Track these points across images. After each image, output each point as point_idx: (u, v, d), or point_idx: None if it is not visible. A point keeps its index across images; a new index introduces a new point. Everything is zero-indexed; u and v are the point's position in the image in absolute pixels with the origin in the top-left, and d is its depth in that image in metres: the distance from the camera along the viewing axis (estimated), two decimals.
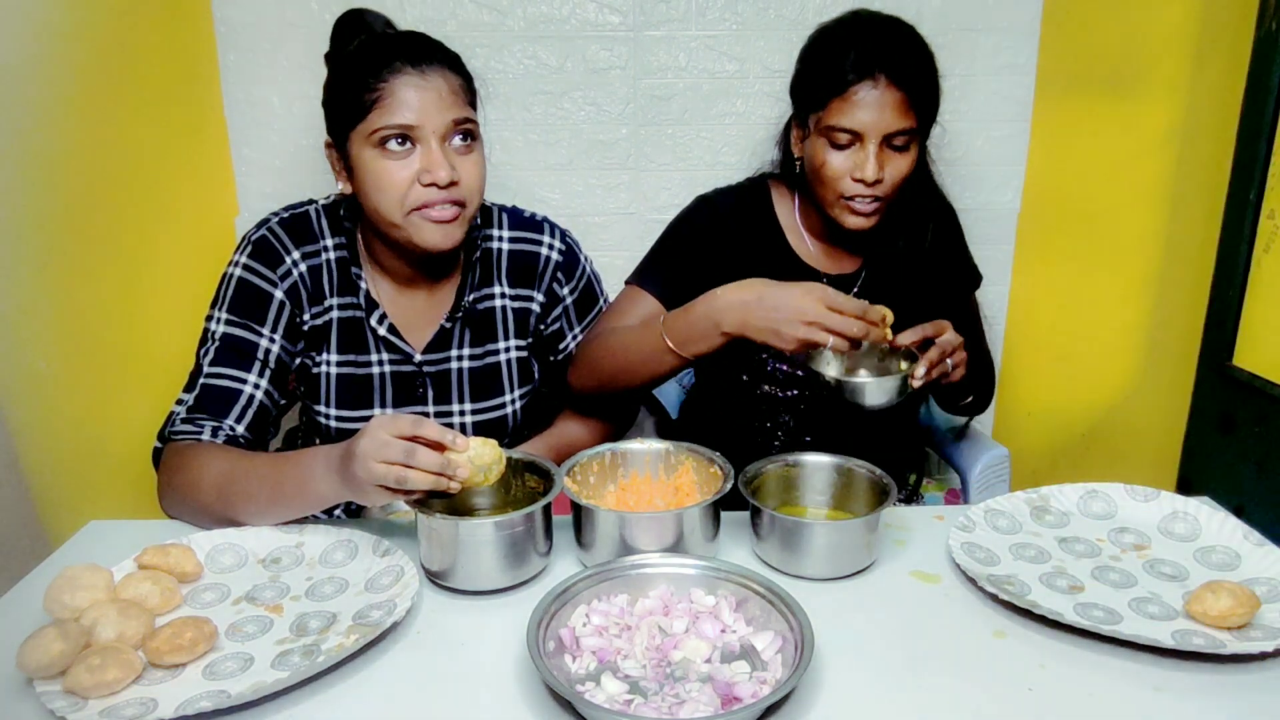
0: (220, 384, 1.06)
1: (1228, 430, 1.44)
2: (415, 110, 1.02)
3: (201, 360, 1.07)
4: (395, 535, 0.95)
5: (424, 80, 1.03)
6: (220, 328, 1.08)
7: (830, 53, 1.17)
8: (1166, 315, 1.63)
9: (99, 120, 1.39)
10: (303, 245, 1.12)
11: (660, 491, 1.00)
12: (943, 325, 1.07)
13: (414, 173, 1.03)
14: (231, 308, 1.08)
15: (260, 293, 1.09)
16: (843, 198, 1.16)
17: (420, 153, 1.03)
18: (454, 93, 1.05)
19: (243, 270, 1.09)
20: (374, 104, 1.02)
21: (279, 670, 0.74)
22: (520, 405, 1.23)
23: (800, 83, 1.22)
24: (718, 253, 1.26)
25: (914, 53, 1.16)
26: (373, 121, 1.02)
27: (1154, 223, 1.63)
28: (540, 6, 1.74)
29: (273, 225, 1.13)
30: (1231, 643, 0.76)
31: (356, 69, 1.04)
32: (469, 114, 1.07)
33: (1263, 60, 1.36)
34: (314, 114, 1.77)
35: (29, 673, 0.70)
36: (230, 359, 1.07)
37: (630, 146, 1.83)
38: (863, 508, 0.97)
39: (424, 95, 1.02)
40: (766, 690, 0.70)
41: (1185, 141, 1.56)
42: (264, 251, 1.10)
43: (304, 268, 1.11)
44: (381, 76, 1.02)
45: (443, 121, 1.03)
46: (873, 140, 1.13)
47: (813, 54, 1.21)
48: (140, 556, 0.87)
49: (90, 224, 1.36)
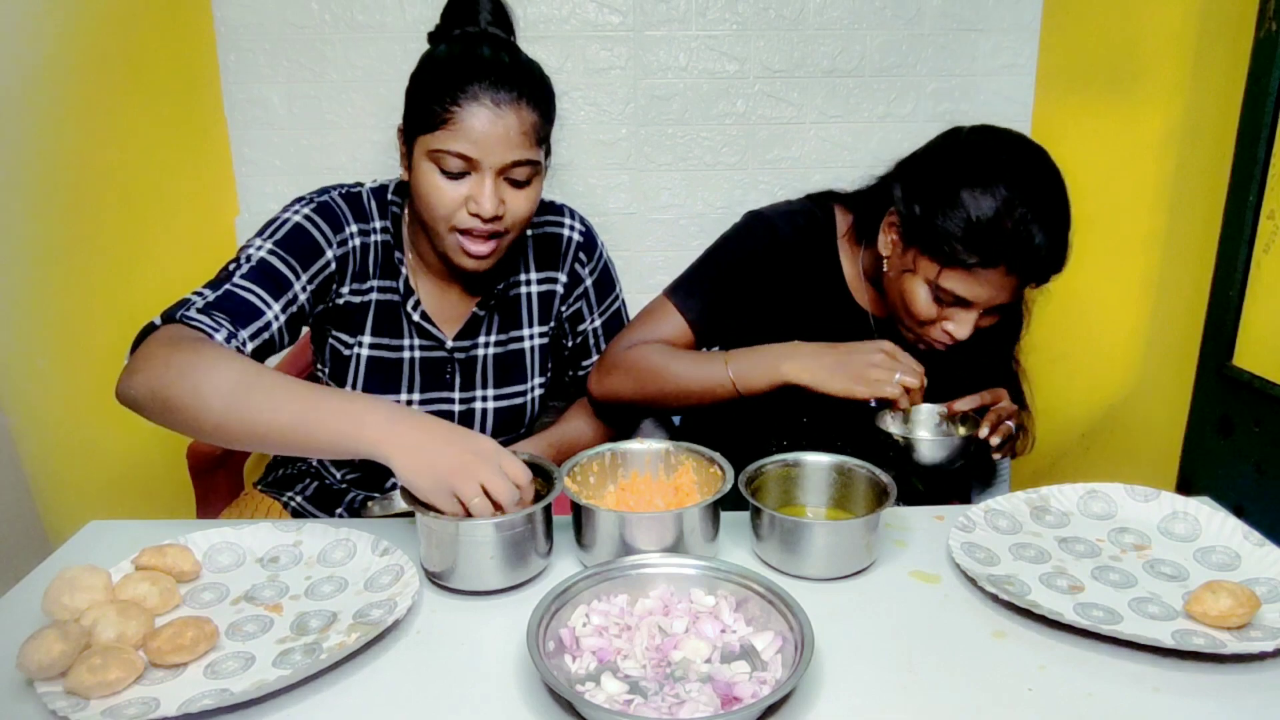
0: (247, 296, 1.02)
1: (1227, 431, 1.44)
2: (478, 144, 1.02)
3: (231, 272, 1.04)
4: (394, 535, 0.95)
5: (496, 114, 1.02)
6: (261, 254, 1.05)
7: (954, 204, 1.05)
8: (1166, 316, 1.63)
9: (99, 120, 1.39)
10: (359, 221, 1.14)
11: (660, 491, 1.00)
12: (999, 393, 1.12)
13: (464, 197, 1.04)
14: (281, 243, 1.07)
15: (314, 243, 1.09)
16: (924, 336, 1.14)
17: (473, 181, 1.04)
18: (523, 133, 1.04)
19: (304, 219, 1.09)
20: (442, 124, 1.02)
21: (280, 669, 0.74)
22: (539, 394, 1.26)
23: (919, 205, 1.09)
24: (769, 285, 1.22)
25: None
26: (437, 139, 1.03)
27: (1154, 223, 1.63)
28: (540, 6, 1.74)
29: (334, 196, 1.13)
30: (1231, 643, 0.76)
31: (437, 80, 1.04)
32: (532, 155, 1.06)
33: (1263, 60, 1.35)
34: (314, 114, 1.78)
35: (29, 673, 0.70)
36: (263, 281, 1.04)
37: (630, 146, 1.83)
38: (863, 508, 0.97)
39: (492, 130, 1.02)
40: (766, 690, 0.70)
41: (1185, 142, 1.56)
42: (328, 213, 1.11)
43: (358, 242, 1.13)
44: (456, 99, 1.02)
45: (502, 159, 1.03)
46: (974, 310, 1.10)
47: (944, 190, 1.07)
48: (137, 558, 0.87)
49: (90, 224, 1.36)
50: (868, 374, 1.05)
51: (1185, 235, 1.56)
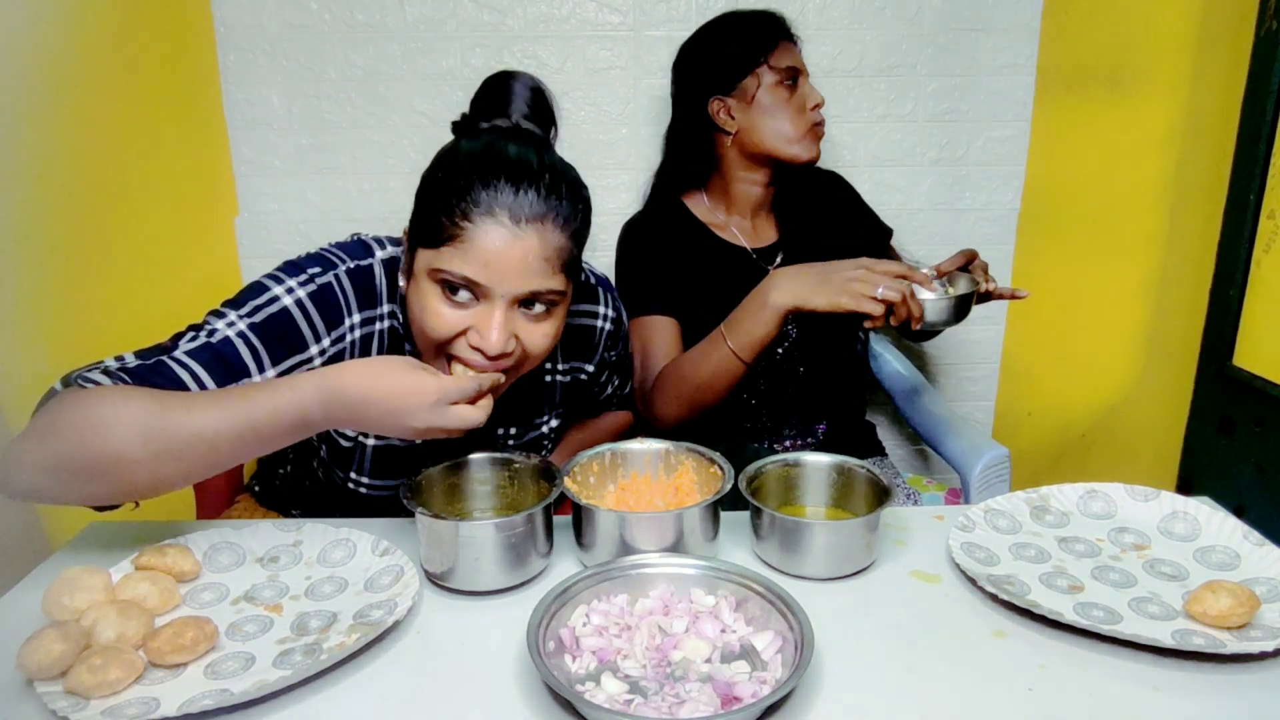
0: (180, 374, 0.85)
1: (1228, 430, 1.44)
2: (490, 268, 0.86)
3: (179, 343, 0.88)
4: (394, 535, 0.95)
5: (515, 234, 0.86)
6: (229, 333, 0.88)
7: (731, 35, 1.43)
8: (1166, 315, 1.63)
9: (99, 120, 1.39)
10: (364, 309, 0.97)
11: (660, 491, 1.00)
12: (972, 252, 1.21)
13: (466, 325, 0.89)
14: (259, 328, 0.90)
15: (298, 338, 0.92)
16: (813, 127, 1.42)
17: (480, 310, 0.88)
18: (546, 258, 0.87)
19: (295, 305, 0.92)
20: (449, 240, 0.86)
21: (281, 669, 0.74)
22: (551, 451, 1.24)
23: (716, 61, 1.44)
24: (670, 260, 1.44)
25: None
26: (442, 257, 0.87)
27: (1154, 223, 1.63)
28: (540, 6, 1.74)
29: (341, 275, 0.96)
30: (1231, 643, 0.76)
31: (447, 186, 0.87)
32: (554, 284, 0.89)
33: (1263, 60, 1.36)
34: (314, 114, 1.78)
35: (29, 674, 0.70)
36: (213, 365, 0.87)
37: (630, 146, 1.83)
38: (863, 508, 0.97)
39: (509, 253, 0.85)
40: (766, 690, 0.70)
41: (1185, 141, 1.56)
42: (327, 302, 0.94)
43: (359, 334, 0.97)
44: (467, 213, 0.85)
45: (518, 288, 0.87)
46: (804, 75, 1.43)
47: (720, 38, 1.44)
48: (137, 558, 0.87)
49: (90, 224, 1.36)
50: (850, 287, 1.09)
51: (1185, 235, 1.56)
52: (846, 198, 1.62)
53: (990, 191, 1.88)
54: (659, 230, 1.48)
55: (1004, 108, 1.83)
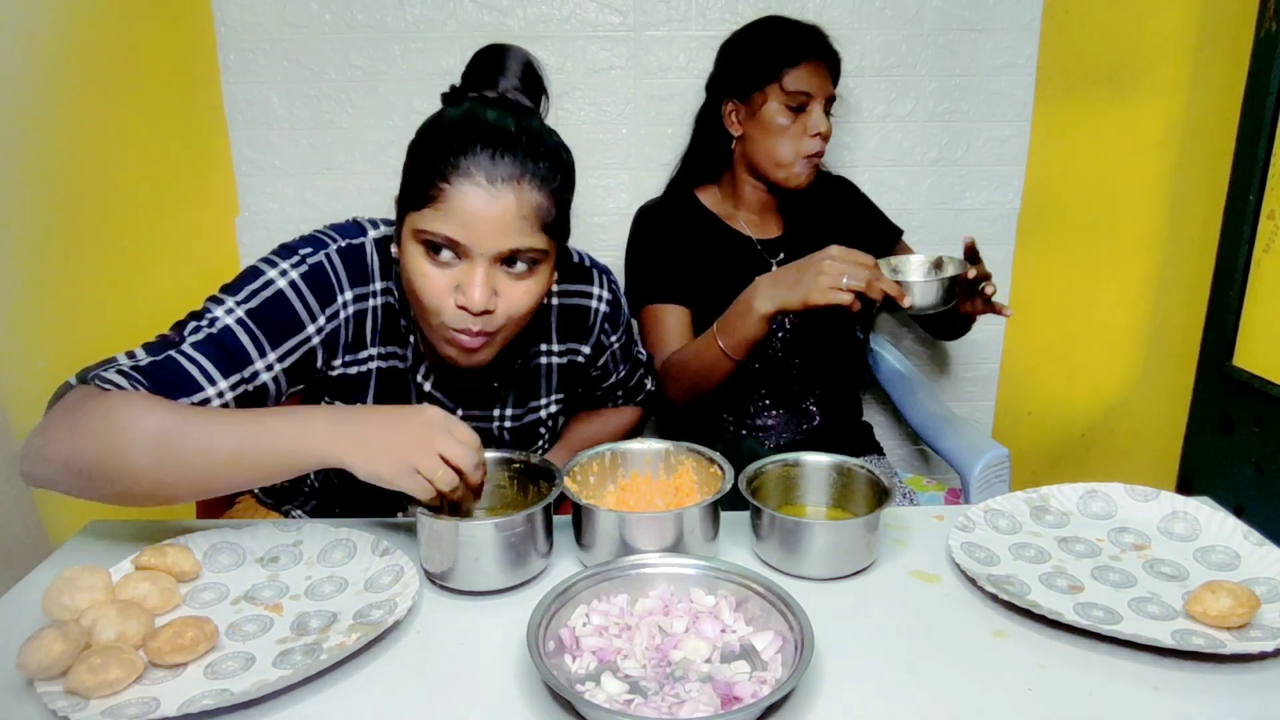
0: (187, 368, 0.89)
1: (1227, 430, 1.44)
2: (469, 227, 0.89)
3: (184, 334, 0.92)
4: (394, 535, 0.95)
5: (491, 193, 0.89)
6: (228, 320, 0.92)
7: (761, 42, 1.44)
8: (1166, 315, 1.63)
9: (99, 120, 1.39)
10: (356, 285, 1.00)
11: (660, 491, 1.00)
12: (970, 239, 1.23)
13: (452, 285, 0.93)
14: (255, 312, 0.93)
15: (293, 320, 0.95)
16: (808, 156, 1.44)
17: (463, 268, 0.92)
18: (524, 216, 0.91)
19: (288, 286, 0.95)
20: (430, 201, 0.90)
21: (281, 669, 0.74)
22: (544, 453, 1.23)
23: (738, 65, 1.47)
24: (680, 248, 1.49)
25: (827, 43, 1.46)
26: (424, 219, 0.91)
27: (1154, 223, 1.63)
28: (540, 6, 1.74)
29: (332, 254, 0.98)
30: (1231, 643, 0.76)
31: (429, 150, 0.92)
32: (533, 242, 0.92)
33: (1263, 60, 1.36)
34: (314, 114, 1.78)
35: (29, 673, 0.70)
36: (216, 354, 0.91)
37: (630, 146, 1.83)
38: (863, 508, 0.97)
39: (485, 212, 0.89)
40: (766, 690, 0.70)
41: (1185, 141, 1.56)
42: (319, 281, 0.97)
43: (352, 311, 1.00)
44: (447, 176, 0.89)
45: (497, 246, 0.91)
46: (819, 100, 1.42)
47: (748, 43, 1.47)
48: (137, 557, 0.87)
49: (90, 224, 1.36)
50: (818, 283, 1.14)
51: (1185, 235, 1.56)
52: (854, 200, 1.66)
53: (990, 191, 1.88)
54: (670, 219, 1.53)
55: (1004, 108, 1.83)
